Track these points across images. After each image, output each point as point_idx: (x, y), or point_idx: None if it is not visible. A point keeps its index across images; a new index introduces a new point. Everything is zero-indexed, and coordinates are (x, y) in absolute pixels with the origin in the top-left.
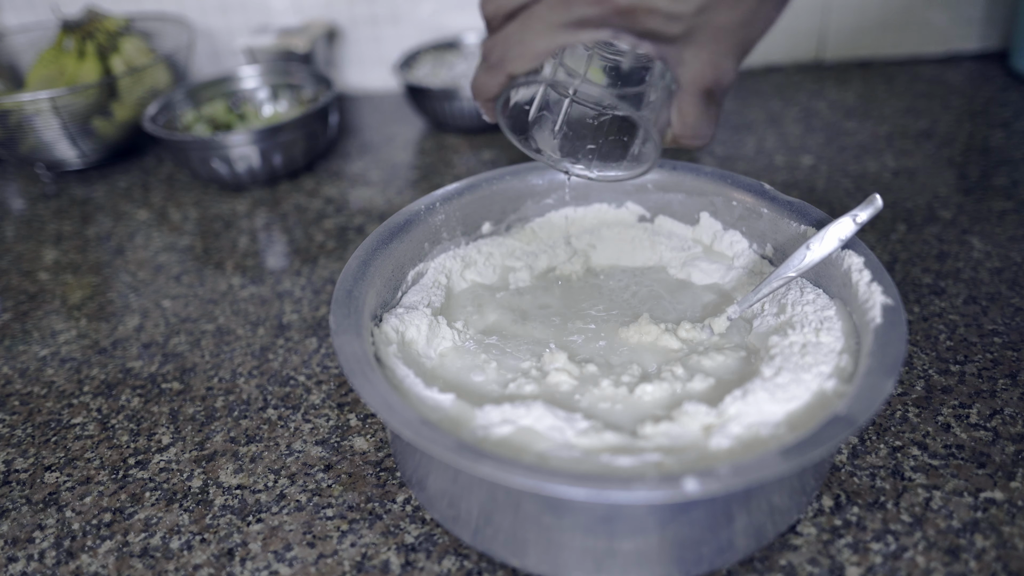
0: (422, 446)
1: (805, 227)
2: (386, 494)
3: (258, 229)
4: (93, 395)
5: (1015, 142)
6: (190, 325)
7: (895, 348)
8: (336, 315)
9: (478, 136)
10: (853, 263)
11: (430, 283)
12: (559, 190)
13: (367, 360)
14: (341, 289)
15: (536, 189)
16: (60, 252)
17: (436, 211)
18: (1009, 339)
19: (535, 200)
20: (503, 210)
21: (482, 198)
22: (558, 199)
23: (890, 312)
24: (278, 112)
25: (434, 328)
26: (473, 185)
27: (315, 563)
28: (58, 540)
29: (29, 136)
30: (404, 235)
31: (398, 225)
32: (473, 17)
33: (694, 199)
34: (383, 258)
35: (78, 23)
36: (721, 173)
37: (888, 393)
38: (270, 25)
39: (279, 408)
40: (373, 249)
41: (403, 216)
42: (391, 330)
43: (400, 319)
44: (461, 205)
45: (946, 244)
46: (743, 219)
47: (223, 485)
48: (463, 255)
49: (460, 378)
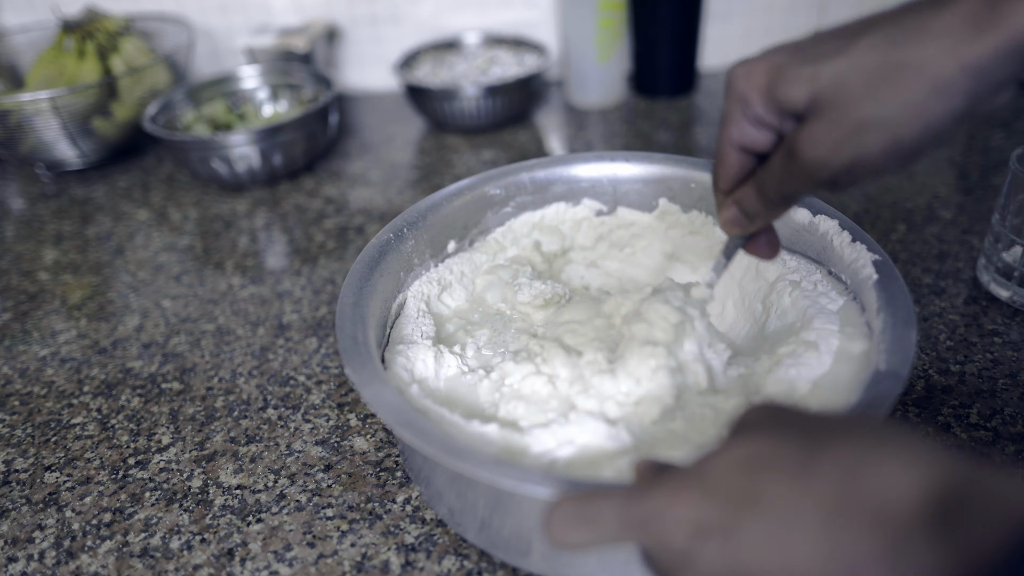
0: (522, 491)
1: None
2: (386, 494)
3: (258, 229)
4: (93, 395)
5: (1015, 142)
6: (190, 325)
7: (902, 299)
8: (353, 366)
9: (478, 136)
10: (830, 227)
11: (414, 313)
12: (517, 196)
13: (406, 410)
14: (345, 337)
15: (495, 199)
16: (60, 252)
17: (405, 237)
18: (1009, 339)
19: (494, 211)
20: (465, 225)
21: (444, 217)
22: (517, 206)
23: (883, 266)
24: (278, 112)
25: (439, 359)
26: (435, 204)
27: (315, 563)
28: (58, 540)
29: (29, 136)
30: (381, 267)
31: (373, 258)
32: (473, 17)
33: (651, 186)
34: (368, 295)
35: (78, 23)
36: (675, 158)
37: (915, 342)
38: (270, 25)
39: (279, 408)
40: (359, 288)
41: (375, 248)
42: (401, 370)
43: (405, 356)
44: (427, 227)
45: (946, 244)
46: (703, 199)
47: (223, 485)
48: (437, 278)
49: (468, 399)
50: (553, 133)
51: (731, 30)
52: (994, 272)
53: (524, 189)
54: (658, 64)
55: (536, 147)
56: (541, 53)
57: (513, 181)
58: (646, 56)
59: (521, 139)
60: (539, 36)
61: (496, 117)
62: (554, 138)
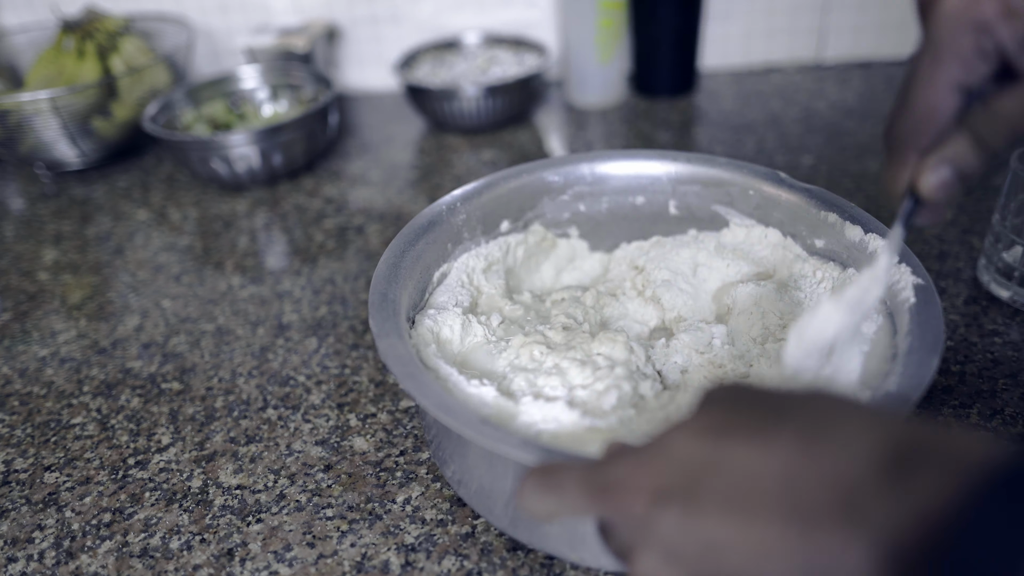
0: (486, 444)
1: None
2: (386, 494)
3: (258, 229)
4: (93, 395)
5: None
6: (190, 325)
7: (934, 325)
8: (376, 319)
9: (478, 136)
10: (879, 246)
11: (455, 283)
12: (575, 185)
13: (414, 363)
14: (376, 292)
15: (552, 186)
16: (60, 252)
17: (457, 211)
18: (1009, 339)
19: (551, 197)
20: (520, 208)
21: (499, 196)
22: (574, 195)
23: (922, 291)
24: (278, 112)
25: (466, 327)
26: (491, 184)
27: (315, 563)
28: (58, 540)
29: (29, 136)
30: (428, 236)
31: (422, 227)
32: (473, 17)
33: (710, 190)
34: (411, 260)
35: (78, 23)
36: (737, 163)
37: (934, 369)
38: (270, 25)
39: (279, 408)
40: (401, 251)
41: (426, 217)
42: (427, 331)
43: (433, 320)
44: (480, 204)
45: (946, 244)
46: (760, 208)
47: (223, 485)
48: (485, 254)
49: (487, 366)
50: (553, 133)
51: (731, 30)
52: (994, 272)
53: (583, 180)
54: (658, 64)
55: (536, 147)
56: (541, 53)
57: (573, 170)
58: (646, 56)
59: (521, 139)
60: (539, 36)
61: (496, 117)
62: (554, 138)
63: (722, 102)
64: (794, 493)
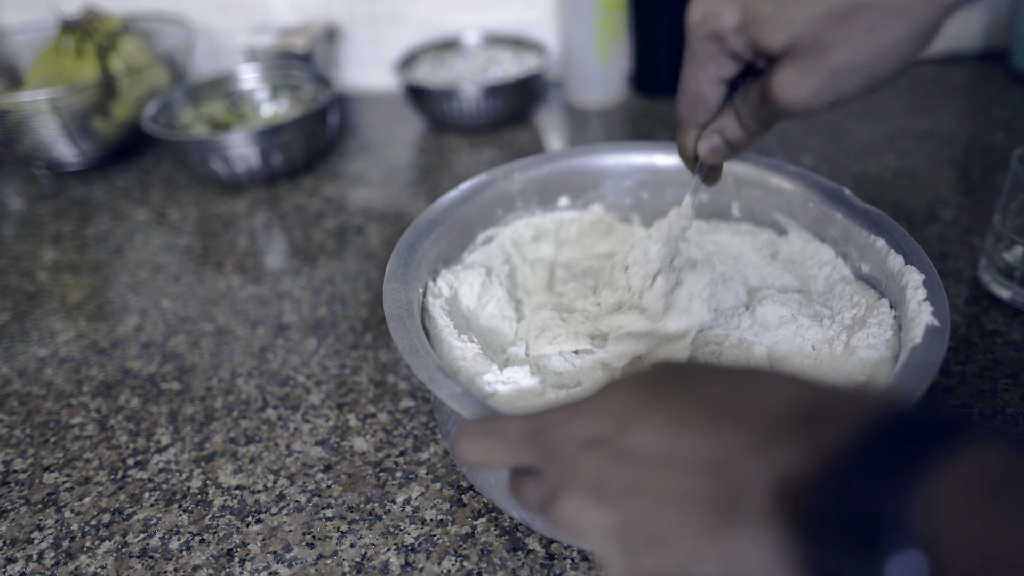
0: (433, 389)
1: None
2: (386, 494)
3: (257, 229)
4: (92, 395)
5: (1015, 142)
6: (189, 325)
7: (926, 371)
8: (392, 264)
9: (477, 136)
10: (912, 279)
11: (497, 247)
12: (638, 174)
13: (408, 307)
14: (404, 241)
15: (616, 170)
16: (59, 252)
17: (513, 179)
18: (1010, 339)
19: (615, 181)
20: (581, 186)
21: (560, 172)
22: (638, 183)
23: (933, 334)
24: (278, 112)
25: (486, 287)
26: (551, 158)
27: (315, 563)
28: (57, 540)
29: (28, 136)
30: (478, 198)
31: (474, 188)
32: (473, 17)
33: (772, 196)
34: (454, 219)
35: (77, 23)
36: (802, 172)
37: (937, 367)
38: (270, 25)
39: (278, 408)
40: (445, 209)
41: (481, 181)
42: (445, 285)
43: (456, 275)
44: (539, 176)
45: (947, 244)
46: (818, 222)
47: (222, 485)
48: (536, 223)
49: (492, 325)
50: (553, 133)
51: None
52: (995, 272)
53: (645, 169)
54: (658, 64)
55: (536, 147)
56: (541, 53)
57: (635, 158)
58: (646, 56)
59: (521, 139)
60: (539, 36)
61: (496, 117)
62: (554, 138)
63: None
64: (714, 433)
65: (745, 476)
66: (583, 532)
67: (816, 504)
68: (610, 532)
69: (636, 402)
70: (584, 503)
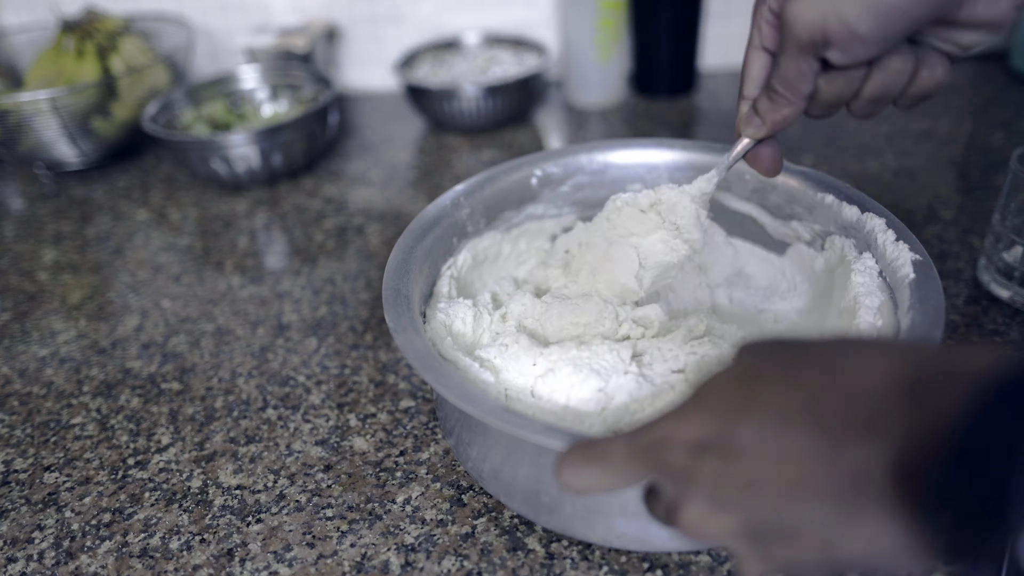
0: (510, 431)
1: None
2: (386, 494)
3: (258, 229)
4: (92, 395)
5: (1015, 142)
6: (190, 325)
7: (934, 300)
8: (391, 314)
9: (478, 136)
10: (876, 225)
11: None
12: (575, 176)
13: (432, 355)
14: (389, 288)
15: (552, 177)
16: (59, 252)
17: (461, 206)
18: (1010, 339)
19: (552, 188)
20: (521, 199)
21: (500, 190)
22: (574, 186)
23: (921, 267)
24: (278, 112)
25: (478, 318)
26: (491, 178)
27: (315, 563)
28: (57, 540)
29: (28, 136)
30: (435, 231)
31: (429, 222)
32: (473, 17)
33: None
34: (420, 255)
35: (77, 23)
36: (816, 175)
37: (939, 342)
38: (270, 25)
39: (279, 408)
40: (410, 247)
41: (431, 212)
42: (440, 325)
43: (445, 313)
44: (483, 198)
45: (946, 244)
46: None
47: (223, 485)
48: (486, 245)
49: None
50: (553, 133)
51: (731, 30)
52: (995, 272)
53: (583, 170)
54: (658, 64)
55: (536, 147)
56: (541, 53)
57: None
58: (646, 56)
59: (521, 139)
60: (539, 36)
61: (496, 117)
62: (554, 138)
63: (722, 102)
64: (821, 420)
65: (862, 459)
66: (713, 537)
67: (937, 480)
68: (739, 533)
69: (736, 398)
70: (707, 510)
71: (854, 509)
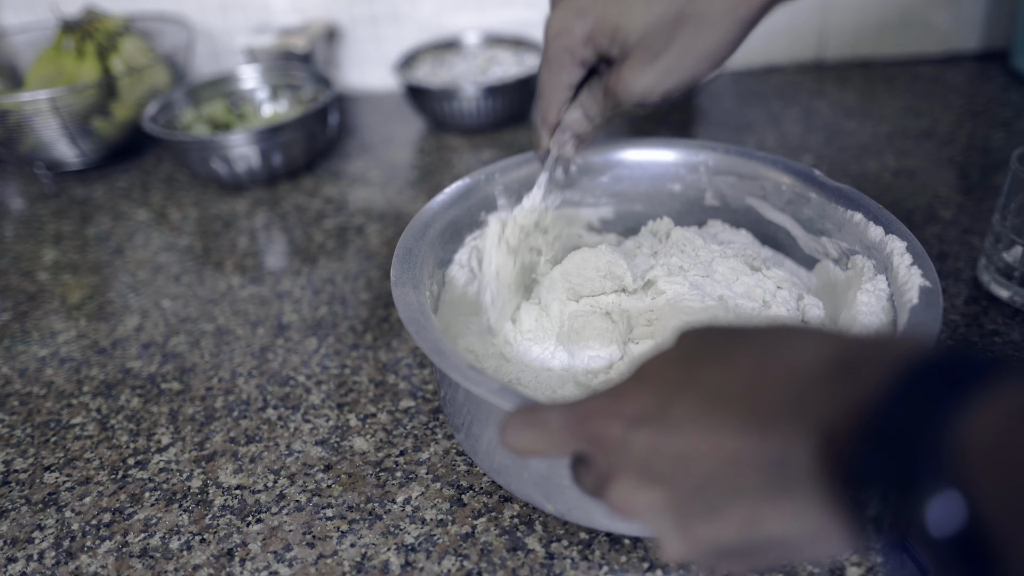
0: (469, 387)
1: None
2: (386, 494)
3: (258, 229)
4: (92, 395)
5: (1015, 142)
6: (190, 325)
7: (929, 328)
8: (397, 268)
9: (478, 136)
10: (896, 247)
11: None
12: (615, 168)
13: (422, 310)
14: (402, 246)
15: (592, 167)
16: (59, 252)
17: (495, 181)
18: (1010, 339)
19: (591, 177)
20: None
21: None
22: (613, 178)
23: (927, 294)
24: (278, 112)
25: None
26: (530, 159)
27: (315, 563)
28: (57, 540)
29: (28, 136)
30: (463, 202)
31: (458, 193)
32: (473, 17)
33: (745, 183)
34: (443, 223)
35: (77, 23)
36: (772, 158)
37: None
38: (270, 25)
39: (279, 408)
40: (434, 214)
41: (463, 184)
42: (449, 284)
43: (456, 275)
44: (519, 177)
45: (946, 244)
46: (791, 204)
47: (223, 485)
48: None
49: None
50: None
51: None
52: (994, 272)
53: (622, 163)
54: None
55: None
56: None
57: (613, 154)
58: None
59: (521, 139)
60: (539, 36)
61: (496, 117)
62: None
63: (722, 102)
64: (752, 399)
65: (788, 436)
66: (637, 512)
67: (857, 455)
68: (664, 508)
69: (673, 377)
70: (635, 483)
71: (779, 485)
